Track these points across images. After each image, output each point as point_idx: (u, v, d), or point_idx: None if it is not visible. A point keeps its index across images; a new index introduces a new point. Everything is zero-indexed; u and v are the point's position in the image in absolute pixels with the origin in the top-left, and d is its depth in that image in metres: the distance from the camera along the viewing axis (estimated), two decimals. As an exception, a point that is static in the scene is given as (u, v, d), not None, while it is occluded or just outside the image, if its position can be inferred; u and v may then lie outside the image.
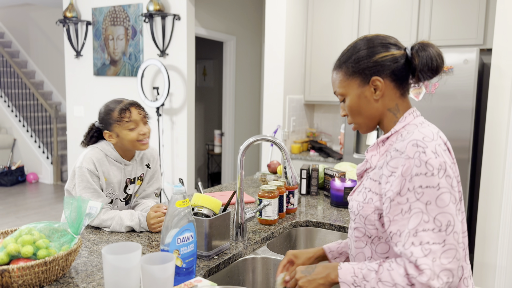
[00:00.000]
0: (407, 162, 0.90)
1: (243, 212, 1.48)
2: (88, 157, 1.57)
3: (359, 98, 1.04)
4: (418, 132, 0.94)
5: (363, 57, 1.02)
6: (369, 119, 1.06)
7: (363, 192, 1.03)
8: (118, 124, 1.57)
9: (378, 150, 1.05)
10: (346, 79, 1.04)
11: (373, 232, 1.00)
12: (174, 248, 1.10)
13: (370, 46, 1.02)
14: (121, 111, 1.58)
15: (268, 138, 1.42)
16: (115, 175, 1.63)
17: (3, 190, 5.91)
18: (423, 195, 0.87)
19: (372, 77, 1.01)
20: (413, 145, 0.90)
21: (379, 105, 1.03)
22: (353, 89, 1.04)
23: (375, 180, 1.00)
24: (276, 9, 3.50)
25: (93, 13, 4.44)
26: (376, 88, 1.02)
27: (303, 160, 3.59)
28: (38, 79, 7.64)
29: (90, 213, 1.17)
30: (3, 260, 1.06)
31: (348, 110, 1.06)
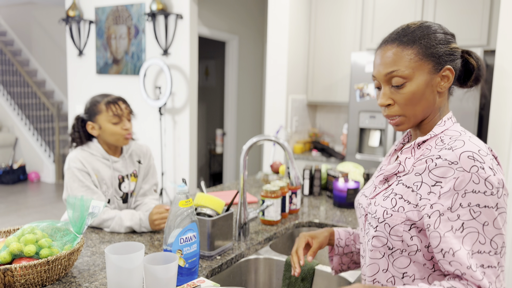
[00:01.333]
0: (461, 176, 0.81)
1: (245, 212, 1.47)
2: (73, 157, 1.58)
3: (426, 86, 0.91)
4: (471, 143, 0.85)
5: (442, 41, 0.91)
6: (423, 112, 0.93)
7: (392, 198, 0.92)
8: (102, 116, 1.60)
9: (413, 154, 0.95)
10: (419, 60, 0.90)
11: (397, 244, 0.90)
12: (177, 248, 1.09)
13: (445, 32, 0.93)
14: (108, 103, 1.60)
15: (271, 138, 1.42)
16: (105, 172, 1.63)
17: (5, 189, 5.92)
18: (480, 214, 0.80)
19: (446, 65, 0.91)
20: (469, 158, 0.82)
21: (437, 99, 0.93)
22: (423, 73, 0.90)
23: (408, 187, 0.90)
24: (279, 8, 3.49)
25: (96, 12, 4.44)
26: (443, 79, 0.92)
27: (305, 160, 3.59)
28: (40, 77, 7.65)
29: (93, 212, 1.17)
30: (6, 259, 1.06)
31: (407, 98, 0.91)
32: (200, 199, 1.33)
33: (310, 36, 3.78)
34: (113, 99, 1.62)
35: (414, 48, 0.90)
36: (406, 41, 0.91)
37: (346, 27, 3.58)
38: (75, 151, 1.61)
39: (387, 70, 0.92)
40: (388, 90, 0.93)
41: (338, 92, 3.68)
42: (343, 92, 3.65)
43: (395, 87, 0.91)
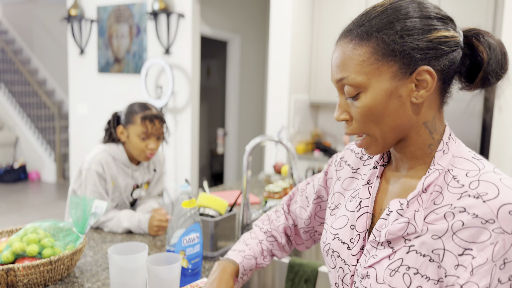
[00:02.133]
0: (500, 239, 0.58)
1: (248, 213, 1.46)
2: (97, 159, 1.54)
3: (389, 97, 0.65)
4: (507, 188, 0.60)
5: (413, 29, 0.63)
6: (393, 132, 0.67)
7: (405, 273, 0.65)
8: (134, 127, 1.55)
9: (420, 202, 0.66)
10: (375, 61, 0.64)
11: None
12: (180, 249, 1.08)
13: (421, 16, 0.64)
14: (144, 118, 1.55)
15: (275, 138, 1.41)
16: (122, 179, 1.60)
17: (6, 188, 5.92)
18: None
19: (420, 66, 0.63)
20: (510, 213, 0.58)
21: (413, 113, 0.66)
22: (382, 79, 0.64)
23: (424, 256, 0.64)
24: (282, 8, 3.49)
25: (98, 11, 4.43)
26: (418, 85, 0.65)
27: (307, 160, 3.58)
28: (41, 76, 7.65)
29: (95, 212, 1.16)
30: (9, 258, 1.05)
31: (362, 113, 0.67)
32: (203, 200, 1.32)
33: (312, 35, 3.77)
34: (150, 116, 1.55)
35: (369, 45, 0.64)
36: (360, 34, 0.65)
37: (349, 27, 3.57)
38: (100, 153, 1.56)
39: (336, 76, 0.69)
40: (344, 101, 0.70)
41: (340, 93, 3.68)
42: (345, 92, 3.65)
43: (350, 98, 0.68)
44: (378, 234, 0.69)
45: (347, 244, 0.75)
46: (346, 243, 0.75)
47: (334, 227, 0.79)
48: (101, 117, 4.56)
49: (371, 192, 0.75)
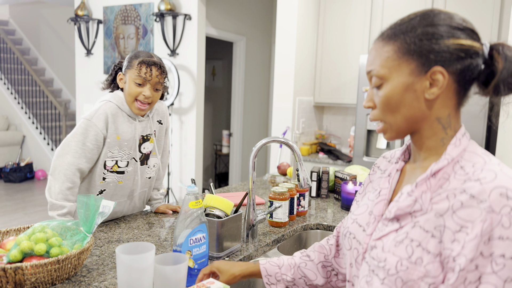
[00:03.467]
0: (489, 217, 0.64)
1: (254, 214, 1.47)
2: (100, 112, 1.48)
3: (405, 90, 0.75)
4: (506, 176, 0.67)
5: (433, 34, 0.72)
6: (407, 122, 0.77)
7: (408, 245, 0.72)
8: (131, 72, 1.50)
9: (429, 185, 0.75)
10: (397, 58, 0.75)
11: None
12: (186, 249, 1.09)
13: (445, 24, 0.73)
14: (141, 62, 1.48)
15: (280, 139, 1.41)
16: (129, 133, 1.55)
17: (12, 187, 5.96)
18: (504, 268, 0.63)
19: (434, 66, 0.72)
20: (501, 195, 0.64)
21: (424, 108, 0.75)
22: (402, 74, 0.75)
23: (427, 231, 0.71)
24: (288, 10, 3.49)
25: (104, 11, 4.46)
26: (433, 83, 0.74)
27: (312, 162, 3.58)
28: (48, 76, 7.70)
29: (103, 212, 1.17)
30: (17, 257, 1.06)
31: (382, 102, 0.77)
32: (209, 200, 1.33)
33: (318, 37, 3.78)
34: (148, 61, 1.49)
35: (394, 44, 0.75)
36: (388, 35, 0.77)
37: (355, 29, 3.57)
38: (106, 104, 1.50)
39: (367, 69, 0.80)
40: (371, 91, 0.81)
41: (346, 94, 3.67)
42: (350, 94, 3.64)
43: (376, 88, 0.79)
44: (389, 212, 0.79)
45: (363, 227, 0.84)
46: (363, 226, 0.84)
47: (355, 213, 0.88)
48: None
49: (390, 182, 0.85)
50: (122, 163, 1.56)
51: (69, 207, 1.47)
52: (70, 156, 1.47)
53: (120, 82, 1.55)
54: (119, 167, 1.57)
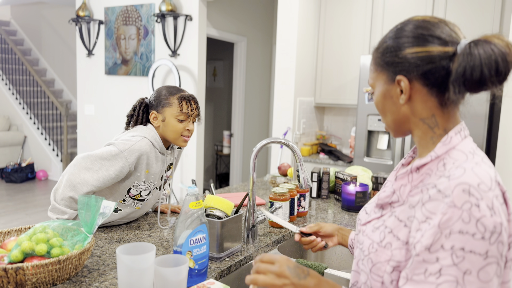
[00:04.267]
0: (450, 211, 0.68)
1: (254, 215, 1.47)
2: (135, 148, 1.45)
3: (384, 97, 0.85)
4: (472, 173, 0.71)
5: (390, 48, 0.82)
6: (395, 124, 0.86)
7: (382, 231, 0.81)
8: (171, 109, 1.49)
9: (410, 179, 0.82)
10: (375, 70, 0.86)
11: (376, 285, 0.79)
12: (187, 249, 1.09)
13: (402, 36, 0.81)
14: (182, 98, 1.49)
15: (282, 140, 1.42)
16: (157, 166, 1.54)
17: (13, 187, 5.97)
18: (464, 260, 0.66)
19: (397, 75, 0.81)
20: (463, 191, 0.68)
21: (405, 111, 0.83)
22: (380, 84, 0.85)
23: (400, 221, 0.78)
24: (289, 10, 3.49)
25: (106, 12, 4.47)
26: (403, 90, 0.81)
27: (312, 163, 3.58)
28: (49, 77, 7.71)
29: (103, 212, 1.18)
30: (18, 257, 1.06)
31: (376, 107, 0.89)
32: (209, 201, 1.33)
33: (318, 38, 3.78)
34: (187, 96, 1.51)
35: (373, 59, 0.87)
36: (373, 51, 0.88)
37: (355, 30, 3.57)
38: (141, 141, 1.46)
39: None
40: None
41: (347, 95, 3.68)
42: (351, 94, 3.64)
43: None
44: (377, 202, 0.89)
45: (368, 214, 0.92)
46: (368, 214, 0.92)
47: (369, 203, 0.98)
48: (109, 118, 4.60)
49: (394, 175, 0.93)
50: (145, 192, 1.58)
51: (70, 214, 1.45)
52: (89, 175, 1.43)
53: (154, 121, 1.52)
54: (141, 196, 1.58)
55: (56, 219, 1.41)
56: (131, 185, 1.53)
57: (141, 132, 1.50)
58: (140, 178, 1.52)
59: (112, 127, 4.58)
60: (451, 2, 3.15)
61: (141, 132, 1.50)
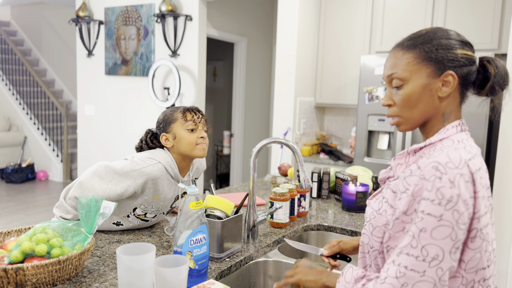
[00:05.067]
0: (420, 183, 0.84)
1: (254, 215, 1.47)
2: (146, 171, 1.41)
3: (423, 89, 0.92)
4: (445, 155, 0.85)
5: (445, 46, 0.92)
6: (421, 116, 0.95)
7: (380, 201, 0.97)
8: (178, 124, 1.46)
9: (406, 160, 0.97)
10: (417, 63, 0.92)
11: (376, 245, 0.95)
12: (187, 250, 1.09)
13: (452, 38, 0.93)
14: (185, 110, 1.48)
15: (281, 140, 1.42)
16: (168, 193, 1.50)
17: (13, 187, 5.97)
18: (422, 220, 0.82)
19: (447, 70, 0.91)
20: (433, 168, 0.84)
21: (438, 105, 0.93)
22: (420, 77, 0.92)
23: (394, 192, 0.94)
24: (289, 10, 3.49)
25: (106, 12, 4.47)
26: (444, 84, 0.92)
27: (313, 163, 3.58)
28: (50, 77, 7.71)
29: (103, 212, 1.18)
30: (18, 258, 1.06)
31: (403, 100, 0.94)
32: (210, 201, 1.33)
33: (319, 38, 3.78)
34: (189, 107, 1.50)
35: (414, 52, 0.93)
36: (408, 45, 0.94)
37: (356, 30, 3.57)
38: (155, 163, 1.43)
39: (388, 72, 0.97)
40: (390, 91, 0.97)
41: (347, 95, 3.67)
42: (351, 94, 3.64)
43: (395, 88, 0.96)
44: None
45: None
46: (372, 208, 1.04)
47: None
48: (109, 118, 4.59)
49: None
50: (150, 215, 1.55)
51: (73, 215, 1.44)
52: (98, 184, 1.42)
53: (166, 143, 1.48)
54: (145, 217, 1.55)
55: (57, 219, 1.40)
56: (138, 205, 1.50)
57: (157, 155, 1.46)
58: (148, 201, 1.49)
59: (112, 128, 4.58)
60: (451, 3, 3.14)
61: (157, 155, 1.46)
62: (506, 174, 2.59)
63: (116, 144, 4.57)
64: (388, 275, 0.83)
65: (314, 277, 1.01)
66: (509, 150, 2.57)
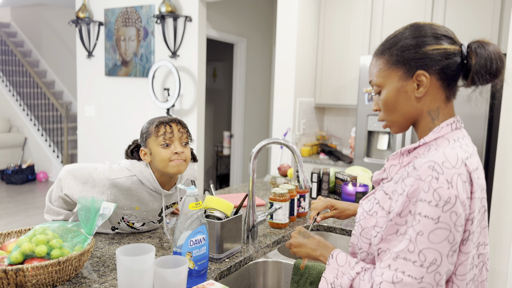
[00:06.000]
0: (416, 184, 0.81)
1: (254, 215, 1.47)
2: (119, 183, 1.36)
3: (398, 93, 0.92)
4: (441, 154, 0.83)
5: (411, 46, 0.90)
6: (404, 118, 0.94)
7: (372, 202, 0.95)
8: (152, 139, 1.36)
9: (400, 161, 0.94)
10: (387, 69, 0.92)
11: (364, 247, 0.94)
12: (186, 250, 1.09)
13: (420, 35, 0.90)
14: (160, 124, 1.35)
15: (280, 141, 1.42)
16: (150, 204, 1.44)
17: (14, 188, 5.97)
18: (419, 223, 0.79)
19: (417, 71, 0.89)
20: (429, 167, 0.81)
21: (419, 104, 0.92)
22: (393, 81, 0.92)
23: (386, 194, 0.91)
24: (288, 11, 3.50)
25: (106, 13, 4.47)
26: (419, 84, 0.90)
27: (312, 163, 3.58)
28: (50, 78, 7.71)
29: (103, 213, 1.18)
30: (18, 259, 1.07)
31: (383, 105, 0.95)
32: (209, 202, 1.33)
33: (318, 38, 3.78)
34: (164, 119, 1.37)
35: (383, 57, 0.94)
36: (379, 51, 0.95)
37: (355, 30, 3.57)
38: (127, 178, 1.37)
39: (369, 79, 0.99)
40: (376, 97, 0.99)
41: (347, 95, 3.68)
42: (351, 95, 3.65)
43: (377, 94, 0.97)
44: None
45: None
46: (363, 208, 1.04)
47: None
48: (109, 119, 4.60)
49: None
50: (138, 224, 1.50)
51: (65, 215, 1.44)
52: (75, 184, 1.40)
53: (145, 158, 1.39)
54: (133, 225, 1.50)
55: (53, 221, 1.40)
56: (122, 214, 1.45)
57: (136, 168, 1.40)
58: (127, 211, 1.43)
59: (112, 128, 4.58)
60: (450, 3, 3.15)
61: (136, 168, 1.40)
62: (506, 174, 2.59)
63: (116, 145, 4.57)
64: (384, 279, 0.81)
65: (308, 249, 1.07)
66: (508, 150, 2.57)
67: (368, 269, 0.89)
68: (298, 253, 1.10)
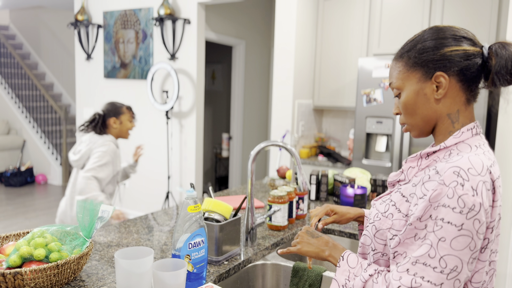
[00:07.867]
0: (439, 188, 0.80)
1: (253, 218, 1.47)
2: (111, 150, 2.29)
3: (417, 95, 0.91)
4: (466, 160, 0.81)
5: (429, 48, 0.89)
6: (424, 121, 0.93)
7: (387, 204, 0.94)
8: (125, 116, 2.41)
9: (419, 164, 0.93)
10: (406, 71, 0.92)
11: (379, 247, 0.93)
12: (185, 253, 1.09)
13: (439, 37, 0.89)
14: (128, 108, 2.45)
15: (279, 143, 1.42)
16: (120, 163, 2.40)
17: (12, 191, 5.96)
18: (441, 229, 0.78)
19: (436, 72, 0.88)
20: (454, 173, 0.79)
21: (438, 107, 0.90)
22: (412, 83, 0.92)
23: (403, 196, 0.90)
24: (287, 13, 3.50)
25: (104, 16, 4.48)
26: (438, 86, 0.89)
27: (311, 165, 3.58)
28: (48, 81, 7.71)
29: (102, 216, 1.18)
30: (16, 262, 1.06)
31: (402, 108, 0.94)
32: (208, 204, 1.33)
33: (317, 41, 3.79)
34: (128, 106, 2.45)
35: (402, 60, 0.94)
36: (398, 54, 0.96)
37: (353, 32, 3.58)
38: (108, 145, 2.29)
39: (389, 82, 0.99)
40: (396, 100, 0.98)
41: (345, 97, 3.68)
42: (349, 97, 3.65)
43: (397, 97, 0.97)
44: None
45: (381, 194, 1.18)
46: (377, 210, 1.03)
47: None
48: (107, 121, 4.59)
49: None
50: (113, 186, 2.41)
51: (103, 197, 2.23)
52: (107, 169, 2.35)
53: (113, 124, 2.37)
54: None
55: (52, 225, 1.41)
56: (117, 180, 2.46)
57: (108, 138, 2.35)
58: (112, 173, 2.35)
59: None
60: (448, 6, 3.16)
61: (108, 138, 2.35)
62: (504, 175, 2.59)
63: (115, 147, 4.57)
64: (402, 284, 0.79)
65: (317, 249, 1.03)
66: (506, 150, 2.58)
67: (381, 272, 0.88)
68: (306, 253, 1.06)
